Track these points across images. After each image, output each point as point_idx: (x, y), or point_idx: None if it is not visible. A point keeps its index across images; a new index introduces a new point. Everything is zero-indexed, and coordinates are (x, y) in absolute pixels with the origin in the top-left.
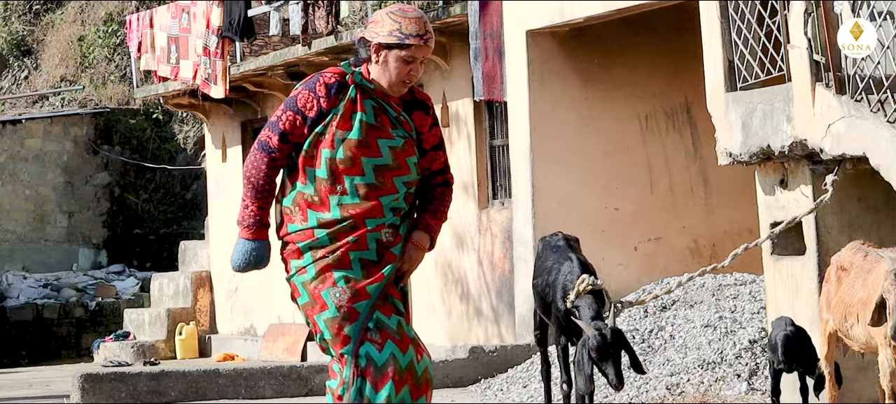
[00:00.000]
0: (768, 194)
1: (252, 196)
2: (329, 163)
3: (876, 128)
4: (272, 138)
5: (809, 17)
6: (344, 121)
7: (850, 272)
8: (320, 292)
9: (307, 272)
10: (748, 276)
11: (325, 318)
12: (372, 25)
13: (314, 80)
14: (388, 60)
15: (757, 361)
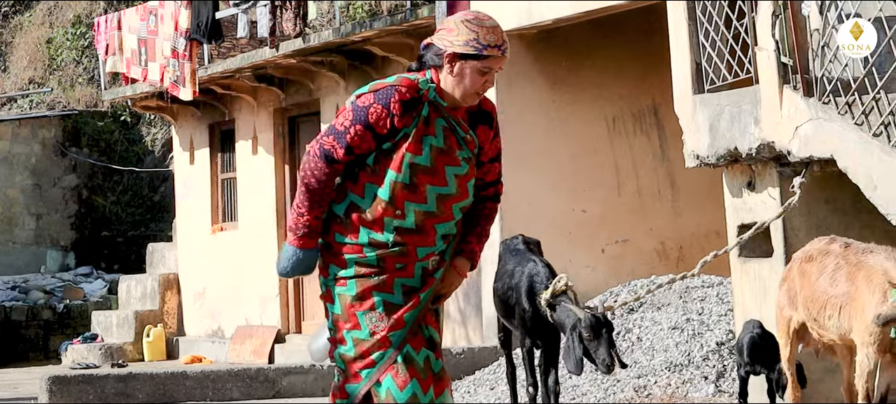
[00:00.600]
0: (736, 196)
1: (308, 205)
2: (393, 186)
3: (844, 130)
4: (337, 150)
5: (777, 19)
6: (415, 144)
7: (825, 262)
8: (356, 312)
9: (347, 286)
10: (715, 279)
11: (354, 337)
12: (445, 33)
13: (389, 95)
14: (464, 71)
15: (724, 363)
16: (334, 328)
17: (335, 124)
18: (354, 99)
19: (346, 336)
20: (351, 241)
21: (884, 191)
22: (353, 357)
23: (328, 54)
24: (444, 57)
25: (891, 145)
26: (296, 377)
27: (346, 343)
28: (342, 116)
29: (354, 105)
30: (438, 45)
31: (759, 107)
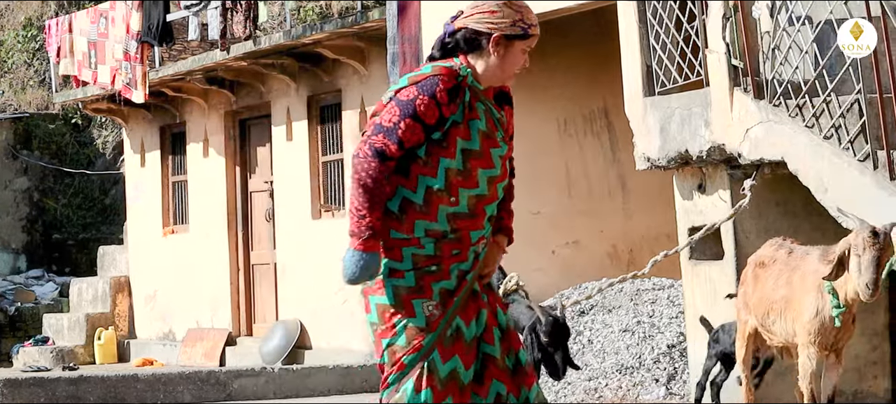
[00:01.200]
0: (686, 199)
1: (369, 206)
2: (447, 173)
3: (794, 132)
4: (390, 146)
5: (728, 21)
6: (465, 130)
7: (772, 268)
8: (412, 300)
9: (405, 278)
10: (666, 281)
11: (406, 323)
12: (486, 16)
13: (434, 85)
14: (509, 52)
15: (675, 366)
16: (380, 320)
17: (381, 122)
18: (394, 93)
19: (397, 324)
20: (407, 236)
21: (834, 193)
22: (404, 345)
23: (279, 57)
24: (490, 40)
25: (841, 147)
26: (247, 379)
27: (397, 333)
28: (386, 113)
29: (398, 100)
30: (479, 28)
31: (710, 109)
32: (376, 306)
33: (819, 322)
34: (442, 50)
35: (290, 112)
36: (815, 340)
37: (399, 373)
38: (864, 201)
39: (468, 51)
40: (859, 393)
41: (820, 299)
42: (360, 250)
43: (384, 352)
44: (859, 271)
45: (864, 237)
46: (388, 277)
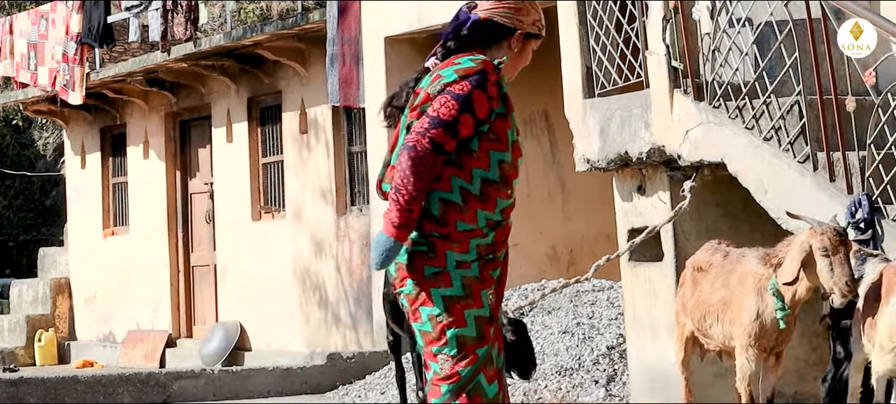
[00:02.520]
0: (626, 200)
1: (418, 199)
2: (501, 166)
3: (734, 134)
4: (449, 141)
5: (668, 23)
6: (509, 123)
7: (709, 272)
8: (480, 291)
9: (472, 268)
10: (606, 283)
11: (476, 314)
12: (512, 12)
13: (483, 80)
14: (525, 50)
15: (615, 367)
16: (447, 312)
17: (439, 115)
18: (445, 86)
19: (468, 315)
20: (471, 226)
21: (774, 194)
22: (474, 336)
23: (219, 58)
24: (513, 35)
25: (781, 149)
26: (187, 381)
27: (467, 322)
28: (443, 107)
29: (453, 93)
30: (504, 22)
31: (650, 111)
32: (442, 298)
33: (759, 324)
34: (457, 39)
35: (230, 113)
36: (754, 342)
37: (473, 367)
38: (804, 202)
39: (487, 44)
40: (799, 394)
41: (760, 301)
42: (395, 238)
43: (449, 342)
44: (831, 270)
45: (830, 237)
46: (455, 269)
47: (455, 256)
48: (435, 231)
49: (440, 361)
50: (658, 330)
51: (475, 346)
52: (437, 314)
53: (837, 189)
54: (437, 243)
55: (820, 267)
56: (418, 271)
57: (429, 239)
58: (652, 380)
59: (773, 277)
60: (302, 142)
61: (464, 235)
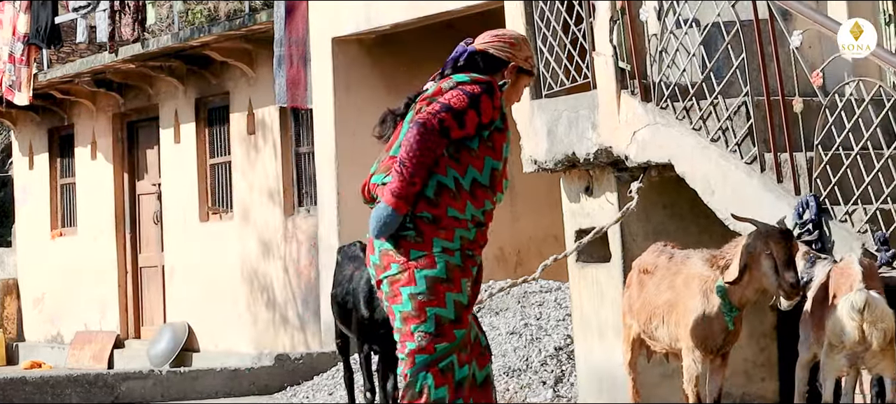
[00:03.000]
0: (573, 201)
1: (420, 174)
2: (493, 173)
3: (681, 135)
4: (455, 129)
5: (615, 24)
6: (505, 135)
7: (655, 274)
8: (461, 278)
9: (455, 256)
10: (554, 283)
11: (455, 298)
12: (506, 46)
13: (491, 89)
14: (518, 84)
15: (562, 368)
16: (429, 291)
17: (450, 102)
18: (457, 85)
19: (448, 298)
20: (460, 215)
21: (721, 195)
22: (452, 318)
23: (167, 59)
24: (507, 67)
25: (728, 150)
26: (135, 382)
27: (447, 305)
28: (454, 98)
29: (465, 90)
30: (500, 55)
31: (597, 112)
32: (425, 278)
33: (705, 326)
34: (454, 69)
35: (177, 114)
36: (700, 344)
37: (450, 345)
38: (752, 203)
39: (481, 72)
40: (747, 395)
41: (706, 303)
42: (393, 208)
43: (428, 319)
44: (776, 273)
45: (776, 239)
46: (440, 253)
47: (441, 242)
48: (426, 212)
49: (417, 338)
50: (606, 332)
51: (452, 327)
52: (418, 292)
53: (785, 190)
54: (425, 228)
55: (765, 268)
56: (404, 254)
57: (417, 222)
58: (599, 381)
59: (720, 279)
60: (249, 142)
61: (451, 222)
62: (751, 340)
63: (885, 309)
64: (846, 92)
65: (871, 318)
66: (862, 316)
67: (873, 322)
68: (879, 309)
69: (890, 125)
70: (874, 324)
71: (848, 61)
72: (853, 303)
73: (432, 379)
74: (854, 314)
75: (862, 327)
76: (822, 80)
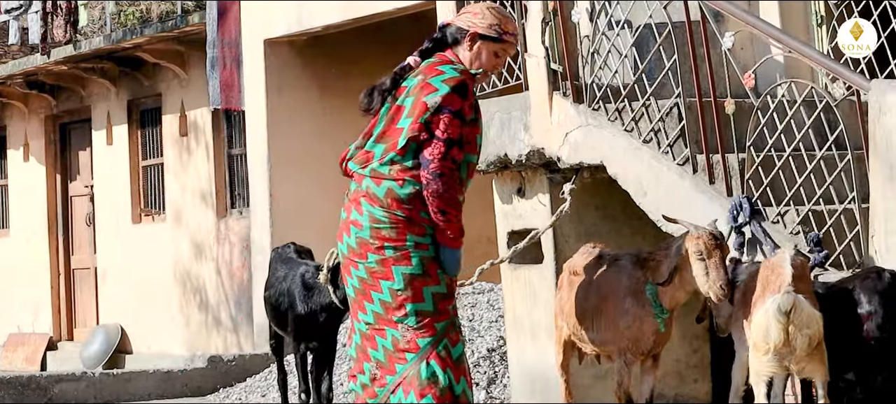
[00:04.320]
0: (506, 203)
1: (458, 212)
2: (468, 166)
3: (613, 136)
4: (460, 155)
5: (547, 26)
6: (478, 126)
7: (584, 276)
8: (436, 270)
9: (429, 250)
10: (486, 285)
11: (433, 291)
12: (470, 15)
13: (466, 89)
14: (481, 51)
15: (495, 370)
16: (407, 288)
17: (450, 135)
18: (443, 102)
19: (425, 292)
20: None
21: (653, 197)
22: (432, 310)
23: (99, 61)
24: (467, 35)
25: (660, 151)
26: (68, 384)
27: (425, 299)
28: (449, 127)
29: (452, 111)
30: (462, 25)
31: (529, 113)
32: (402, 275)
33: (635, 328)
34: (433, 42)
35: (110, 116)
36: (631, 346)
37: (432, 337)
38: (684, 205)
39: (453, 45)
40: (680, 395)
41: (636, 305)
42: (460, 248)
43: (409, 314)
44: (707, 273)
45: (706, 241)
46: (414, 248)
47: (414, 237)
48: (400, 211)
49: (400, 330)
50: (538, 333)
51: (434, 320)
52: (397, 289)
53: (717, 191)
54: (400, 223)
55: (695, 270)
56: (381, 248)
57: (392, 219)
58: (532, 383)
59: (650, 281)
60: (182, 144)
61: (424, 220)
62: (683, 341)
63: (812, 313)
64: (778, 93)
65: (797, 322)
66: (788, 319)
67: (799, 326)
68: (806, 313)
69: (822, 127)
70: (800, 328)
71: (780, 63)
72: (780, 306)
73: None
74: (780, 316)
75: (787, 330)
76: (754, 81)
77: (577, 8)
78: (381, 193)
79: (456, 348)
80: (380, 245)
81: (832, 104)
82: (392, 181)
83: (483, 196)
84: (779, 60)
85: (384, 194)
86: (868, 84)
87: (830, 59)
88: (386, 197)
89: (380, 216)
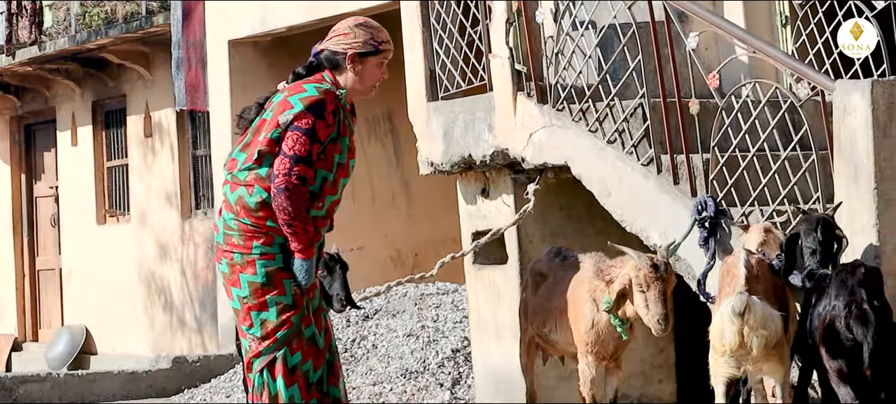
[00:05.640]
0: (470, 203)
1: (306, 223)
2: (323, 183)
3: (577, 137)
4: (309, 172)
5: (511, 26)
6: (339, 145)
7: (548, 278)
8: (283, 280)
9: (275, 260)
10: (451, 286)
11: (277, 301)
12: (341, 38)
13: (323, 109)
14: (366, 68)
15: (459, 370)
16: (252, 296)
17: (298, 153)
18: (292, 120)
19: (269, 301)
20: (277, 225)
21: (618, 197)
22: (275, 320)
23: (64, 62)
24: (346, 58)
25: (625, 152)
26: (32, 385)
27: (269, 309)
28: (299, 144)
29: (302, 128)
30: (337, 49)
31: (493, 114)
32: (248, 283)
33: (595, 332)
34: (307, 68)
35: (75, 117)
36: (592, 349)
37: (273, 345)
38: (648, 205)
39: (333, 69)
40: (645, 396)
41: (595, 310)
42: (308, 258)
43: (254, 325)
44: (647, 306)
45: (646, 273)
46: (259, 258)
47: (259, 247)
48: (248, 218)
49: (249, 339)
50: (502, 333)
51: (276, 330)
52: (244, 296)
53: (681, 191)
54: (246, 231)
55: (636, 301)
56: (230, 252)
57: (239, 226)
58: (496, 383)
59: (606, 294)
60: (147, 145)
61: (270, 230)
62: (648, 342)
63: (768, 313)
64: (743, 94)
65: (751, 323)
66: (742, 320)
67: (754, 327)
68: (760, 313)
69: (786, 127)
70: (755, 330)
71: (744, 63)
72: (734, 307)
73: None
74: (734, 318)
75: (742, 332)
76: (718, 81)
77: (542, 8)
78: (233, 200)
79: (294, 357)
80: (230, 250)
81: (797, 104)
82: (244, 187)
83: (447, 196)
84: (743, 61)
85: (235, 201)
86: (832, 84)
87: (795, 59)
88: (236, 204)
89: (230, 222)
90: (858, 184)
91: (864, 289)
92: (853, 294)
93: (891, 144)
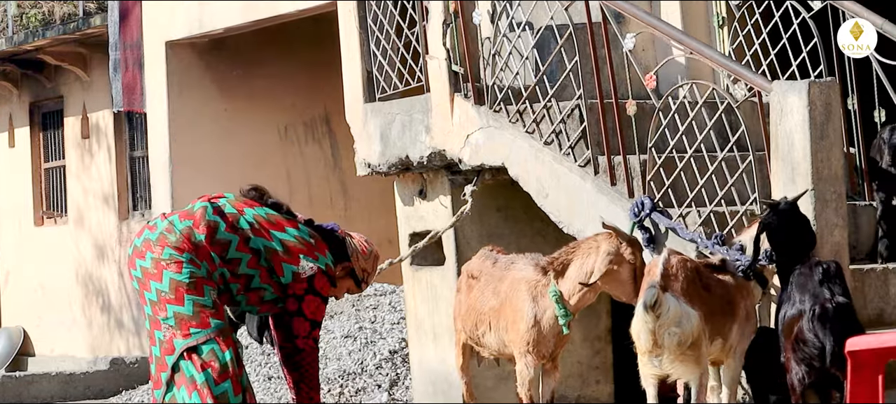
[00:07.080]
0: (407, 205)
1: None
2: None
3: (514, 138)
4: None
5: (448, 27)
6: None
7: (480, 279)
8: (204, 286)
9: (201, 269)
10: (388, 287)
11: (195, 300)
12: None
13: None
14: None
15: (397, 371)
16: (171, 290)
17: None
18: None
19: (186, 299)
20: None
21: (555, 198)
22: (190, 316)
23: (1, 63)
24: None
25: (562, 153)
26: None
27: (185, 305)
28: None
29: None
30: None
31: (431, 115)
32: (170, 279)
33: (536, 331)
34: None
35: (12, 119)
36: (532, 349)
37: (186, 341)
38: (586, 206)
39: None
40: (582, 397)
41: (537, 307)
42: None
43: (168, 316)
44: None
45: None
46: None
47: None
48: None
49: (163, 329)
50: (440, 335)
51: (190, 326)
52: (163, 290)
53: (618, 192)
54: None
55: (624, 276)
56: (159, 250)
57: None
58: (434, 384)
59: (553, 284)
60: (84, 147)
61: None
62: (585, 343)
63: (681, 311)
64: (679, 95)
65: (661, 321)
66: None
67: (665, 324)
68: (672, 310)
69: (723, 128)
70: (666, 327)
71: (681, 64)
72: (645, 301)
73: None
74: (645, 313)
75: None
76: (655, 82)
77: (479, 9)
78: None
79: (226, 353)
80: (160, 246)
81: (734, 105)
82: None
83: (385, 198)
84: (680, 62)
85: None
86: (769, 85)
87: (732, 60)
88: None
89: (177, 225)
90: (795, 184)
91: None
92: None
93: (827, 145)
